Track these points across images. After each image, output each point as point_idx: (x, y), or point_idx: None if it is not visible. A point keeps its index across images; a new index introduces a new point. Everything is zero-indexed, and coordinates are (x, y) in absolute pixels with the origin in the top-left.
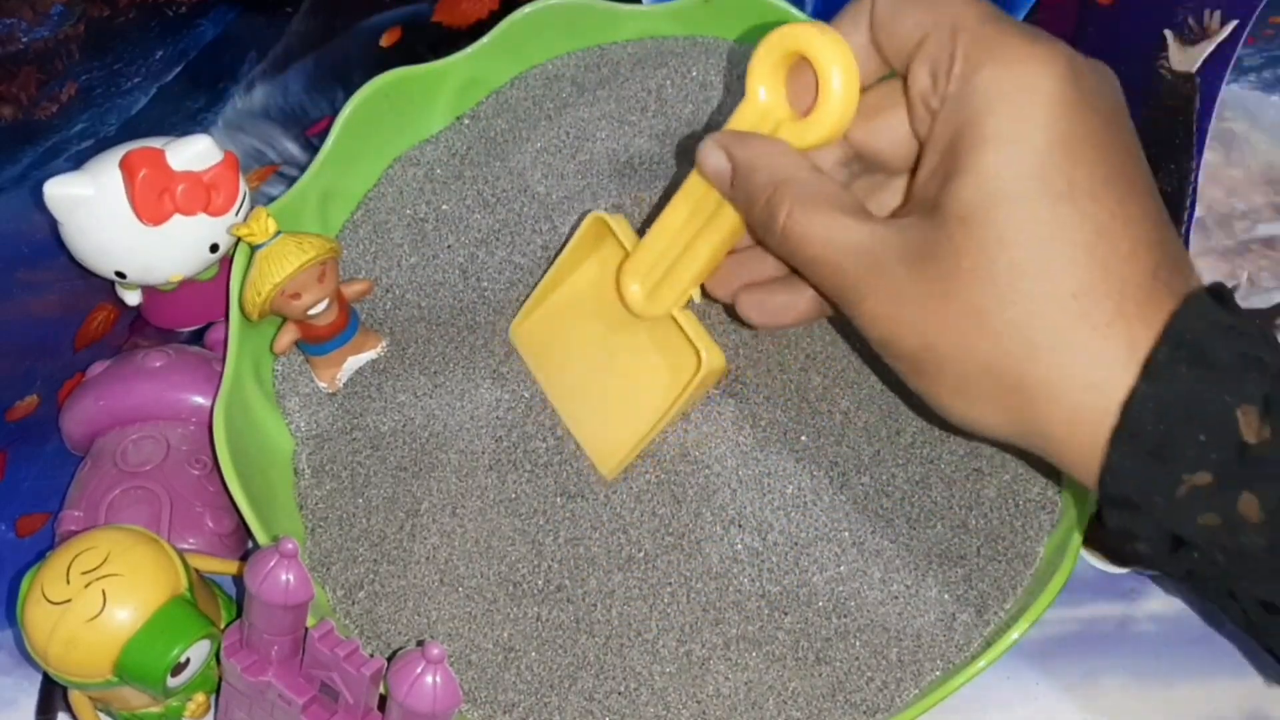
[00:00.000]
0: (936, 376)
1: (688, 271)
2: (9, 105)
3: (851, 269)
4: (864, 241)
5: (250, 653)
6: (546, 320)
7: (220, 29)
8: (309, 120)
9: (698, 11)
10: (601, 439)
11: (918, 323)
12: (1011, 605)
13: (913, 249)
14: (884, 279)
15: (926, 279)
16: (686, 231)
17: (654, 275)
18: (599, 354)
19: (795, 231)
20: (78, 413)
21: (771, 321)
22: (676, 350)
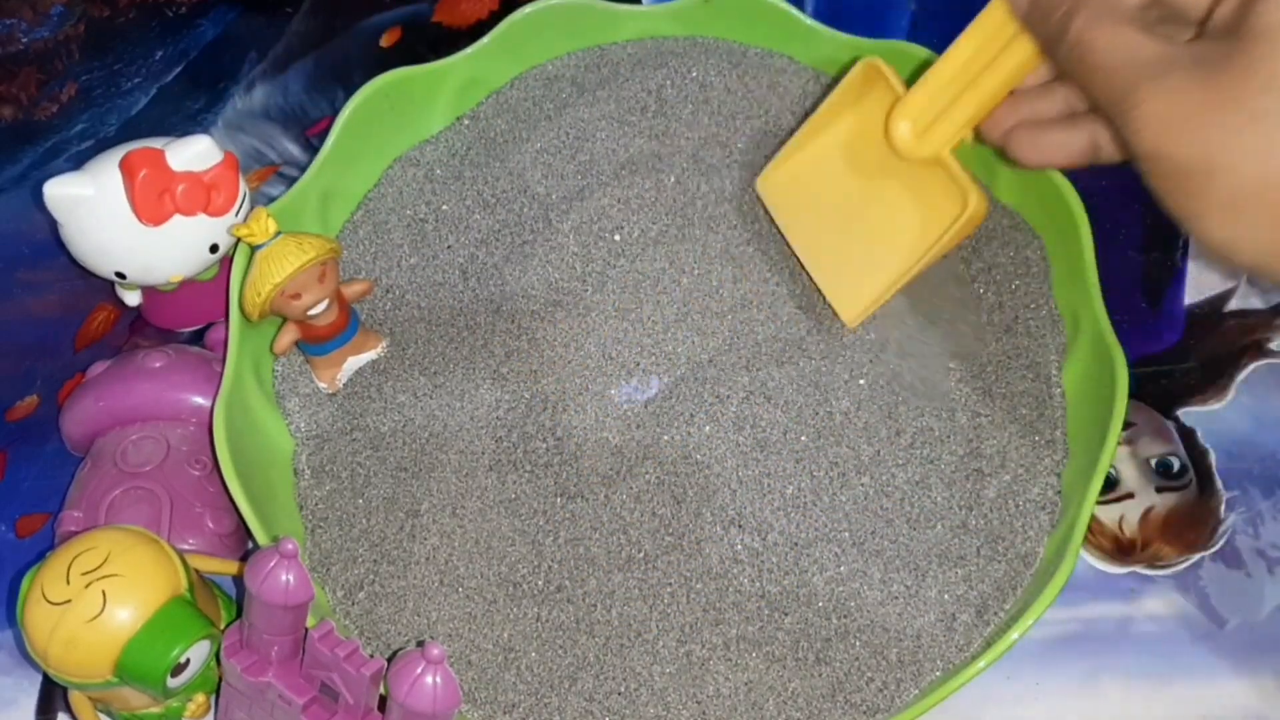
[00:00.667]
0: (1205, 190)
1: (966, 110)
2: (9, 105)
3: (1133, 74)
4: (1153, 52)
5: (250, 653)
6: (798, 170)
7: (220, 29)
8: (309, 120)
9: (698, 11)
10: (846, 287)
11: (1199, 128)
12: (1011, 605)
13: (1204, 59)
14: (1168, 85)
15: (1215, 86)
16: (970, 69)
17: (928, 115)
18: (852, 201)
19: (1087, 38)
20: (78, 413)
21: (1044, 159)
22: (939, 194)
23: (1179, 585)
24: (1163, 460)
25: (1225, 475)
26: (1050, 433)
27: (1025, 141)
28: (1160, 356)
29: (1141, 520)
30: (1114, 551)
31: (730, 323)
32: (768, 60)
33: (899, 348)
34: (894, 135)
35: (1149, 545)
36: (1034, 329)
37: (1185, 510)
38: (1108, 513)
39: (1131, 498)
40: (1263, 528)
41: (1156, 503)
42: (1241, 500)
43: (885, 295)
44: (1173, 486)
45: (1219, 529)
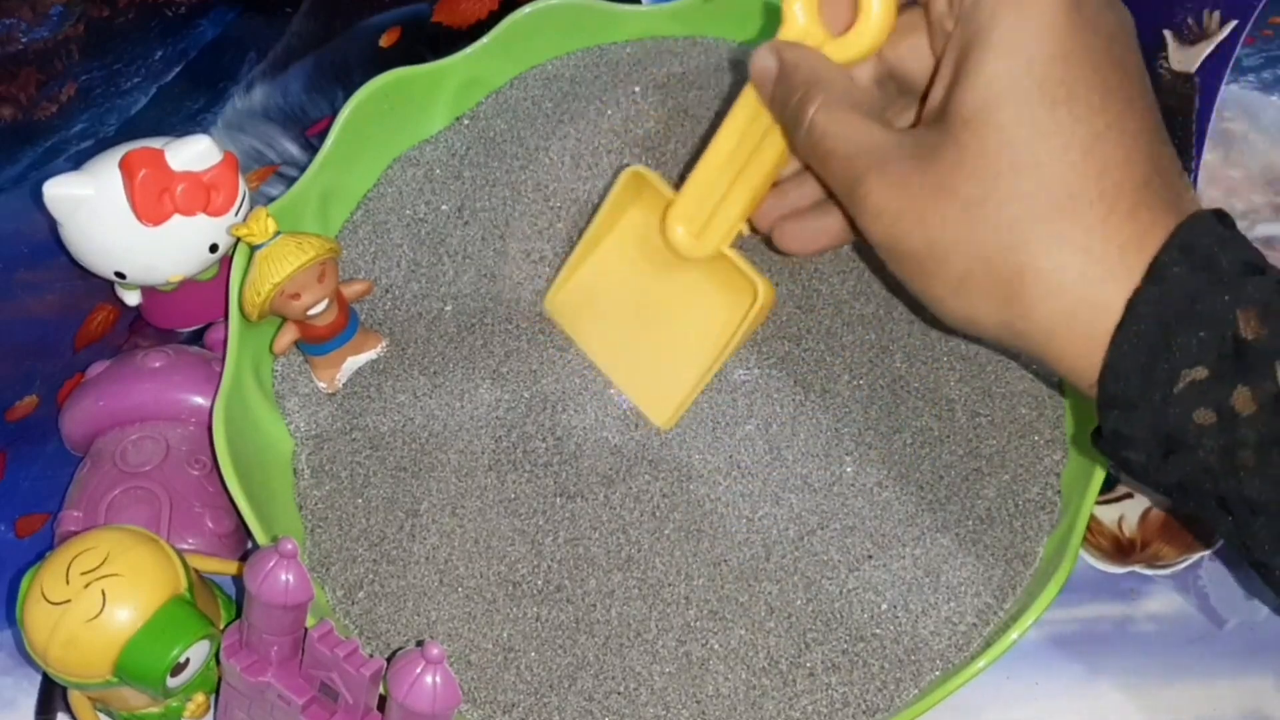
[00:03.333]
0: (937, 274)
1: (736, 205)
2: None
3: (862, 163)
4: (877, 140)
5: (250, 653)
6: (584, 283)
7: (220, 29)
8: (309, 120)
9: (698, 11)
10: (655, 390)
11: (921, 218)
12: (1011, 605)
13: (919, 148)
14: (890, 174)
15: (930, 174)
16: (732, 165)
17: (701, 215)
18: (643, 307)
19: (819, 125)
20: (78, 413)
21: (806, 248)
22: (728, 288)
23: (1178, 585)
24: None
25: None
26: (1050, 433)
27: (790, 234)
28: None
29: (1141, 520)
30: (1113, 551)
31: None
32: None
33: (904, 350)
34: (672, 240)
35: (1148, 545)
36: None
37: None
38: (1107, 512)
39: (1131, 497)
40: None
41: (1156, 502)
42: None
43: (694, 393)
44: None
45: None
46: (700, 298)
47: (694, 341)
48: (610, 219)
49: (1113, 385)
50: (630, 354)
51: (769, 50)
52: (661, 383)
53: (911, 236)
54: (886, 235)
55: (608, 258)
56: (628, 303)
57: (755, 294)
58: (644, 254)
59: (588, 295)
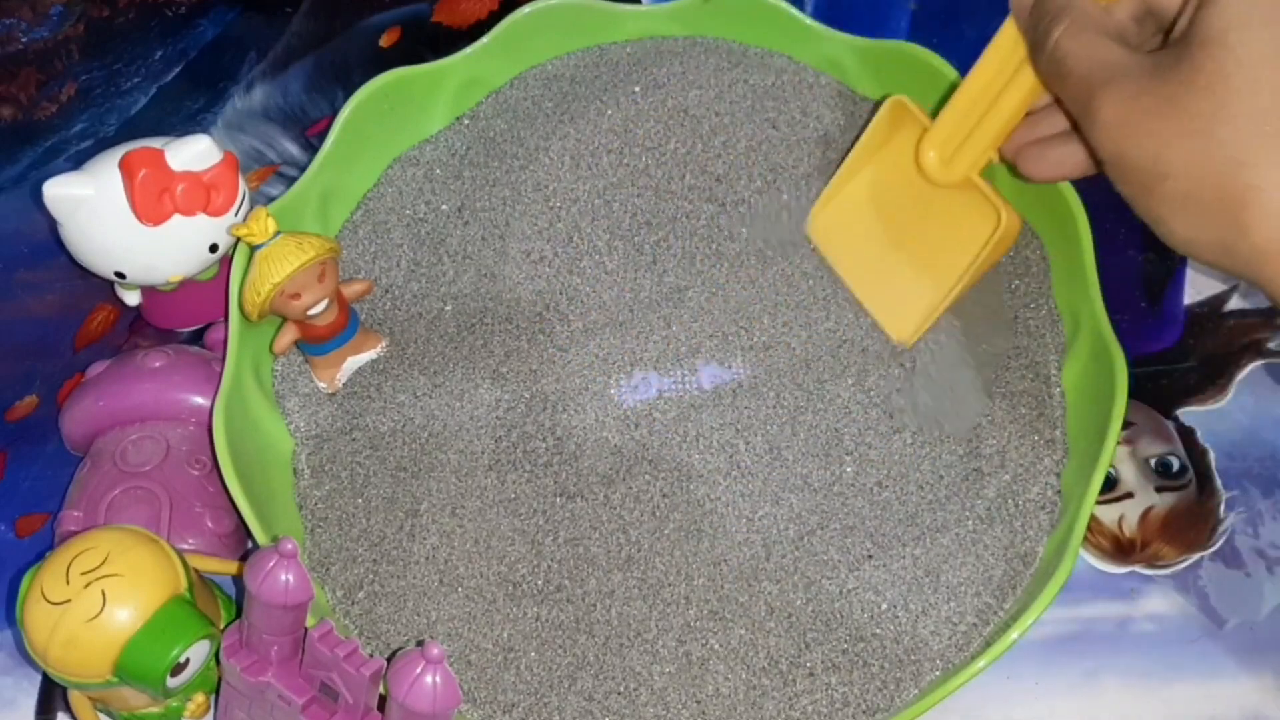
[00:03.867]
0: (1161, 190)
1: (987, 133)
2: (9, 105)
3: (1096, 80)
4: (1114, 58)
5: (250, 653)
6: (842, 207)
7: (220, 29)
8: (309, 120)
9: (698, 11)
10: (898, 310)
11: (1151, 131)
12: (1011, 605)
13: (1156, 67)
14: (1124, 88)
15: (1164, 90)
16: (986, 97)
17: (953, 142)
18: (894, 230)
19: (1062, 46)
20: (78, 413)
21: (1048, 173)
22: (973, 215)
23: (1179, 585)
24: (1162, 460)
25: (1225, 475)
26: (1050, 432)
27: (1032, 158)
28: (1160, 356)
29: (1141, 520)
30: (1114, 551)
31: (729, 323)
32: (768, 60)
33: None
34: (924, 164)
35: (1148, 545)
36: (1034, 328)
37: (1185, 510)
38: (1107, 512)
39: (1131, 497)
40: (1262, 527)
41: (1156, 502)
42: (1241, 500)
43: (935, 314)
44: (1172, 486)
45: (1218, 529)
46: (948, 222)
47: (938, 265)
48: (871, 145)
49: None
50: (877, 274)
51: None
52: (904, 302)
53: (1140, 150)
54: (1115, 148)
55: (865, 183)
56: (880, 226)
57: (998, 221)
58: (899, 180)
59: (844, 219)
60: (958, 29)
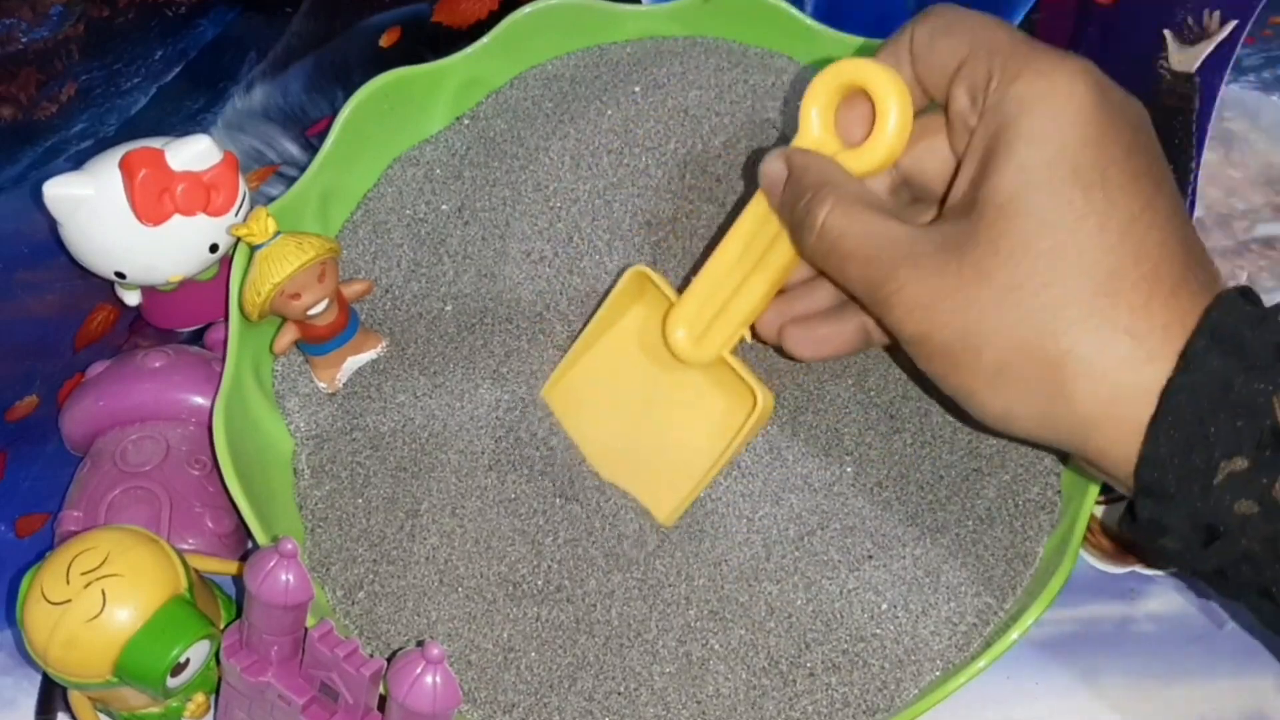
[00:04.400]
0: (973, 366)
1: (739, 312)
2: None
3: (888, 260)
4: (900, 235)
5: (250, 653)
6: (582, 379)
7: (220, 29)
8: (309, 120)
9: (698, 11)
10: (655, 488)
11: (955, 308)
12: (1011, 605)
13: (950, 240)
14: (921, 268)
15: (964, 264)
16: (737, 272)
17: (702, 319)
18: (642, 406)
19: (833, 225)
20: (78, 413)
21: (818, 353)
22: (727, 393)
23: (1178, 585)
24: None
25: None
26: None
27: (798, 338)
28: None
29: None
30: (1113, 551)
31: None
32: (768, 60)
33: None
34: (672, 343)
35: None
36: None
37: None
38: (1107, 512)
39: None
40: None
41: None
42: None
43: (694, 494)
44: None
45: None
46: (700, 400)
47: (695, 444)
48: (612, 316)
49: (1148, 476)
50: (629, 452)
51: (778, 156)
52: (663, 482)
53: (947, 328)
54: (919, 330)
55: (606, 355)
56: (627, 401)
57: (755, 401)
58: (644, 353)
59: (585, 390)
60: None
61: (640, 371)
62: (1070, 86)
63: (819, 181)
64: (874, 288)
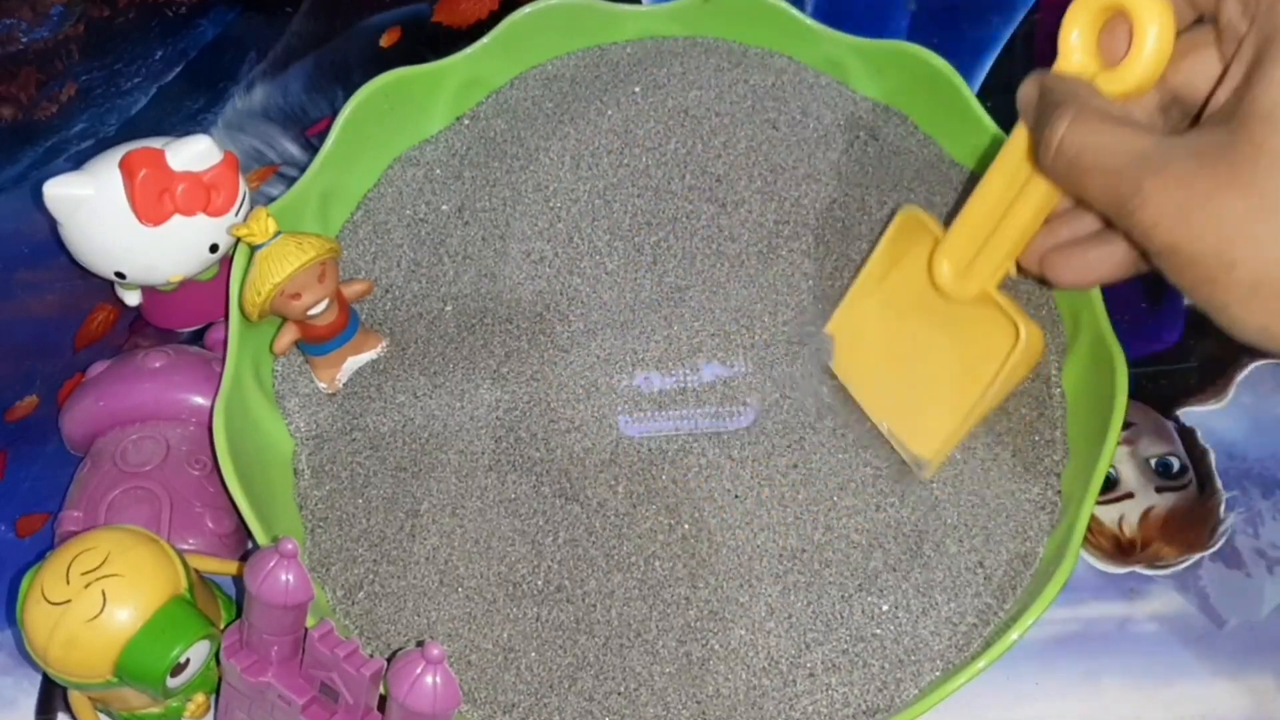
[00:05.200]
0: (1227, 281)
1: (1001, 247)
2: (9, 105)
3: (1132, 172)
4: (1145, 145)
5: (250, 653)
6: (860, 320)
7: (220, 29)
8: (309, 120)
9: (698, 11)
10: (921, 428)
11: (1211, 215)
12: (1011, 605)
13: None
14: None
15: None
16: (999, 207)
17: (966, 254)
18: (913, 346)
19: (1072, 140)
20: (78, 413)
21: (1083, 278)
22: (992, 331)
23: (1179, 585)
24: (1162, 460)
25: (1225, 475)
26: (1050, 433)
27: (1061, 264)
28: (1160, 356)
29: (1141, 520)
30: (1114, 551)
31: (730, 323)
32: (768, 60)
33: None
34: (938, 279)
35: (1149, 545)
36: None
37: (1185, 510)
38: (1107, 513)
39: (1131, 498)
40: (1262, 528)
41: (1156, 503)
42: (1241, 500)
43: (958, 436)
44: (1172, 486)
45: (1218, 529)
46: (967, 339)
47: (960, 383)
48: (884, 259)
49: None
50: (898, 392)
51: (1032, 79)
52: (928, 422)
53: (1201, 239)
54: (1170, 240)
55: (880, 297)
56: (899, 341)
57: (1018, 336)
58: (915, 294)
59: (859, 338)
60: (957, 29)
61: (911, 313)
62: None
63: (1062, 98)
64: (1120, 202)
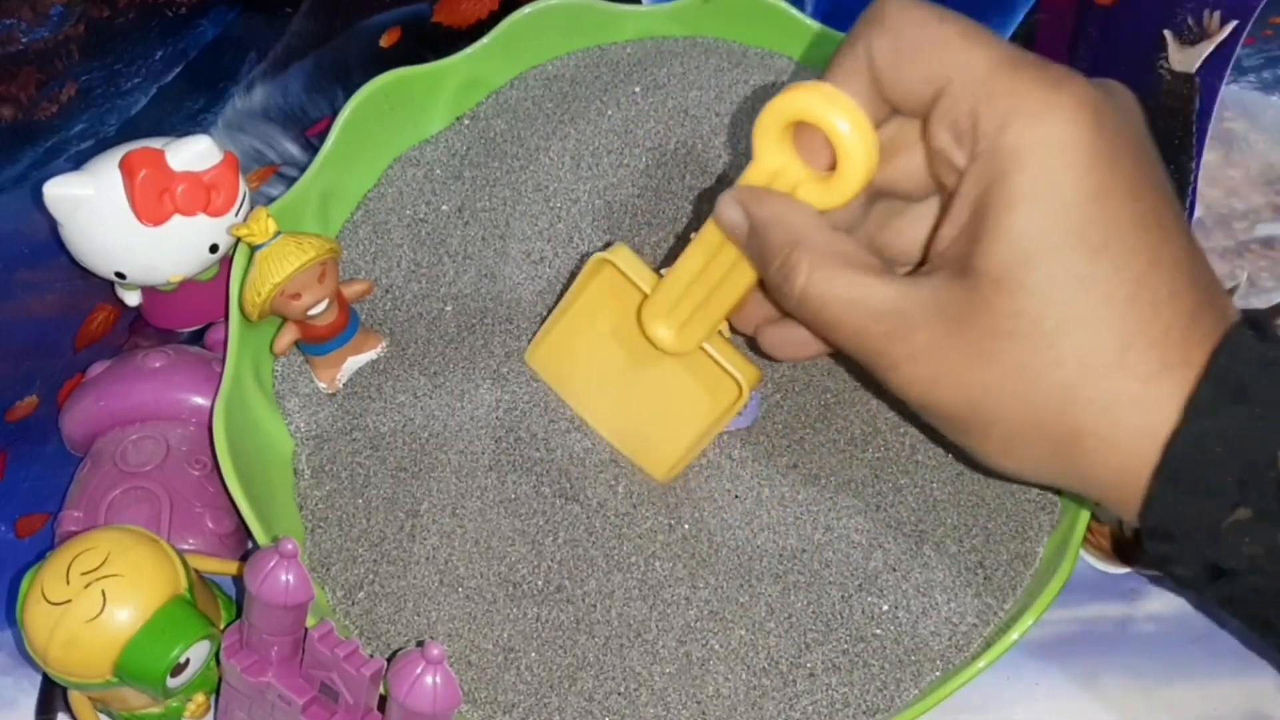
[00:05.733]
0: (983, 434)
1: (715, 312)
2: (9, 105)
3: (880, 332)
4: (892, 302)
5: (250, 653)
6: (564, 345)
7: (220, 29)
8: (309, 120)
9: (698, 11)
10: (648, 450)
11: (961, 385)
12: (1011, 605)
13: (946, 310)
14: (918, 342)
15: (966, 341)
16: (706, 281)
17: (679, 315)
18: (628, 378)
19: (815, 293)
20: (78, 413)
21: (794, 355)
22: (712, 376)
23: (1179, 586)
24: None
25: None
26: None
27: (774, 342)
28: None
29: None
30: (1114, 551)
31: None
32: (768, 60)
33: None
34: (653, 339)
35: None
36: None
37: None
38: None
39: None
40: None
41: None
42: None
43: (689, 459)
44: None
45: None
46: (686, 381)
47: (684, 414)
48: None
49: (1153, 521)
50: (619, 416)
51: (733, 202)
52: (656, 444)
53: (953, 402)
54: (925, 401)
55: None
56: (612, 371)
57: (740, 388)
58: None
59: (569, 356)
60: None
61: (623, 348)
62: (1064, 132)
63: (789, 240)
64: (869, 357)
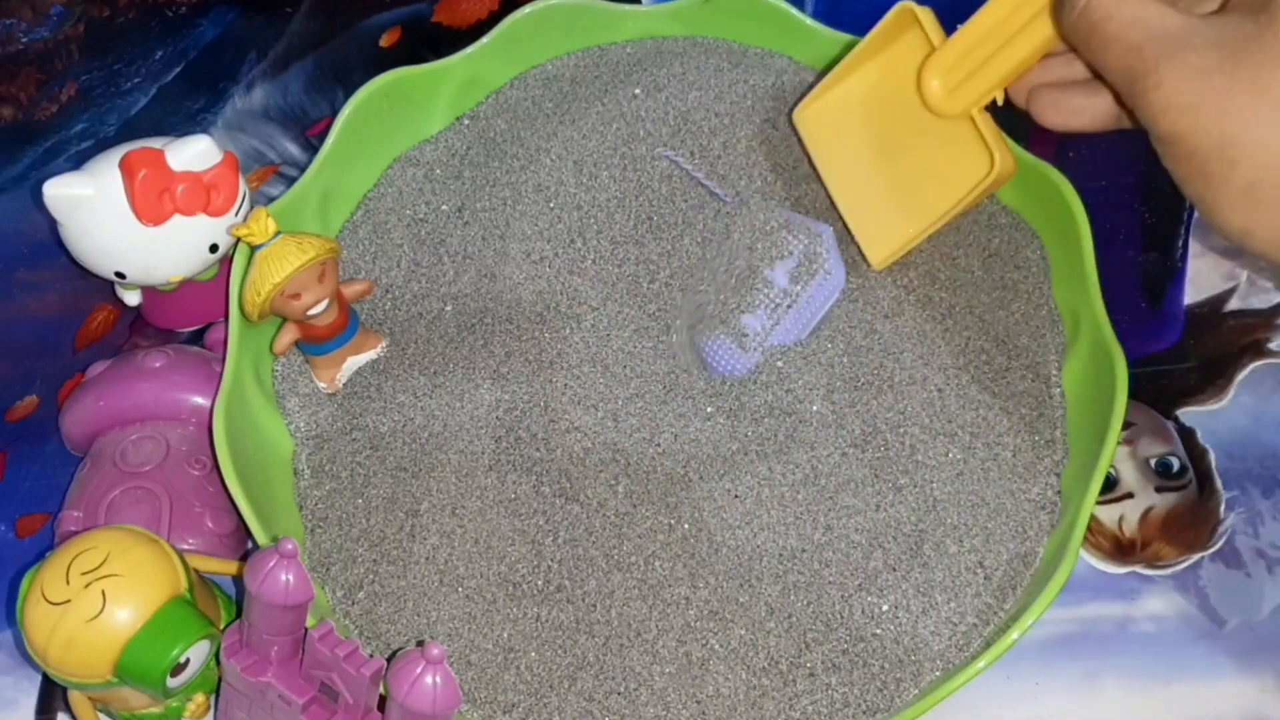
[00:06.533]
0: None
1: (997, 71)
2: (9, 105)
3: (1152, 51)
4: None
5: (250, 653)
6: (833, 106)
7: (220, 29)
8: (309, 120)
9: (698, 11)
10: (875, 228)
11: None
12: (1011, 605)
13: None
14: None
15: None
16: (1003, 30)
17: (959, 72)
18: (884, 145)
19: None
20: (78, 413)
21: (1064, 121)
22: (965, 151)
23: (1179, 585)
24: (1162, 460)
25: (1225, 475)
26: (1050, 433)
27: (1047, 102)
28: (1160, 356)
29: (1141, 520)
30: (1114, 551)
31: None
32: (768, 60)
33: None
34: (926, 90)
35: (1149, 545)
36: (1034, 329)
37: (1185, 510)
38: (1107, 513)
39: (1131, 498)
40: (1262, 528)
41: (1156, 503)
42: (1241, 500)
43: (912, 242)
44: (1172, 486)
45: (1218, 529)
46: (941, 151)
47: (925, 192)
48: (870, 50)
49: None
50: (860, 187)
51: None
52: (884, 224)
53: (1205, 133)
54: (1174, 130)
55: (860, 88)
56: (870, 137)
57: (992, 166)
58: (896, 92)
59: (834, 118)
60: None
61: (890, 110)
62: None
63: None
64: (1133, 79)
